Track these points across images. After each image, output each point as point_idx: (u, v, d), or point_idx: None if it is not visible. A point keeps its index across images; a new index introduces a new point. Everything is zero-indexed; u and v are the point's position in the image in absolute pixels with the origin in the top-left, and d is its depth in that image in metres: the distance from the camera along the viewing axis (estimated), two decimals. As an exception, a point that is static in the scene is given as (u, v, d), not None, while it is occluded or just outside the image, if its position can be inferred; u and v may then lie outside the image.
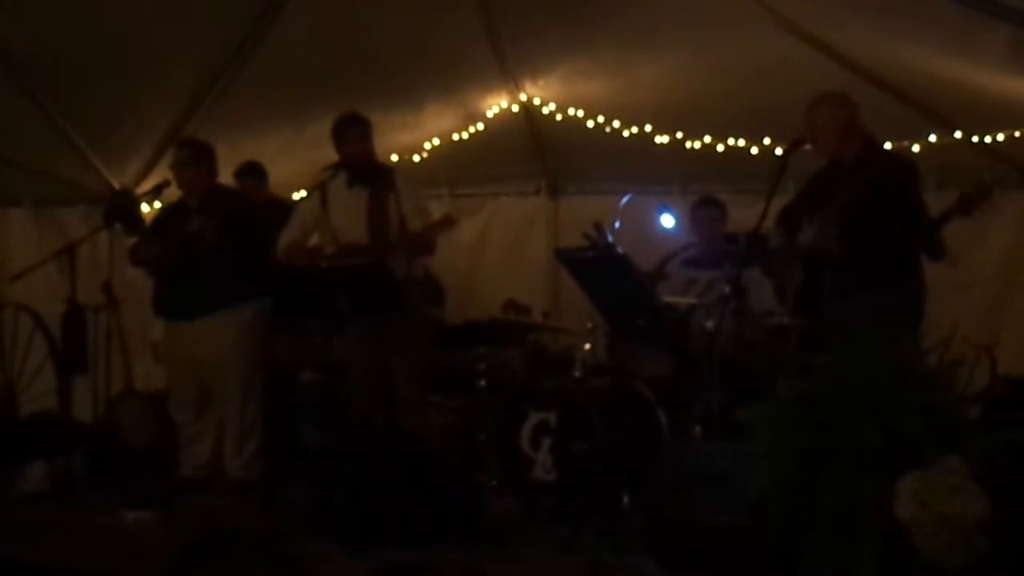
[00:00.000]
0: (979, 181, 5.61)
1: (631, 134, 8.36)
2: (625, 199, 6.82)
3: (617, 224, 6.29)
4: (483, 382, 7.29)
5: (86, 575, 5.54)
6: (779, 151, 6.85)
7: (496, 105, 8.66)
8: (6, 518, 6.17)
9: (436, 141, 8.72)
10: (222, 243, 6.57)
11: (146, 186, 8.28)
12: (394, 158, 8.30)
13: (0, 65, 7.49)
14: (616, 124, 8.37)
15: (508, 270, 9.19)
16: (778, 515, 3.94)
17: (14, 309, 7.84)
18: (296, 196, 8.33)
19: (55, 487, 6.71)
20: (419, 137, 8.69)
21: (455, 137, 8.70)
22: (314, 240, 6.84)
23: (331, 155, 6.84)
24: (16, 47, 7.41)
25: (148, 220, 8.18)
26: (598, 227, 5.81)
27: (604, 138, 8.43)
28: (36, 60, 7.54)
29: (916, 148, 7.54)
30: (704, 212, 7.08)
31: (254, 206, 7.25)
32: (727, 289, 5.66)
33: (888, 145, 6.56)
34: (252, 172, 7.82)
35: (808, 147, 5.68)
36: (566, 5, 7.53)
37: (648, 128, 8.30)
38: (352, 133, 6.65)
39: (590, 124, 8.44)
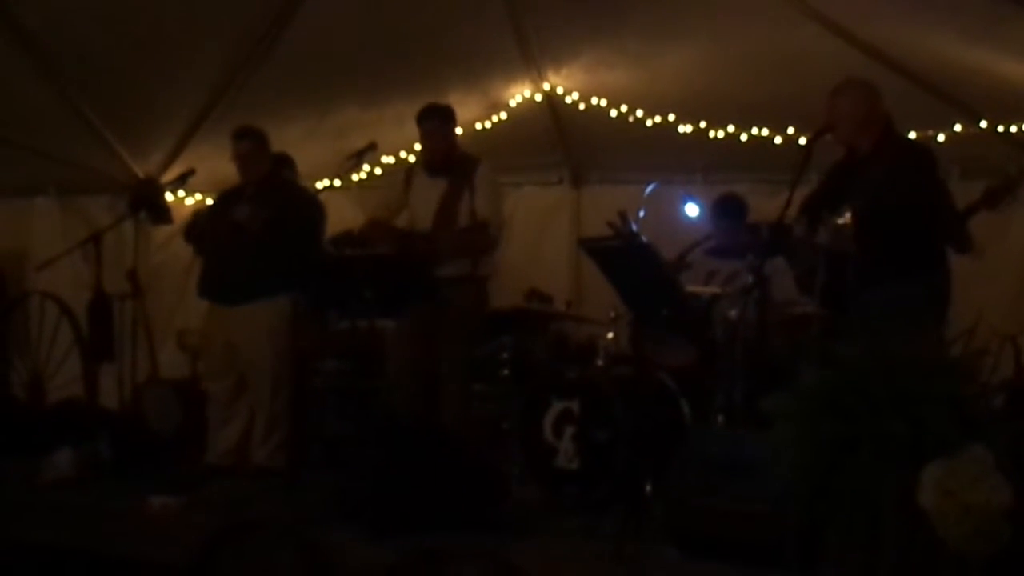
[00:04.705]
0: (1004, 175, 5.59)
1: (654, 123, 8.35)
2: (650, 188, 6.82)
3: (641, 213, 6.29)
4: (506, 371, 7.31)
5: (112, 560, 5.58)
6: (803, 140, 6.84)
7: (519, 94, 8.67)
8: (33, 504, 6.21)
9: (459, 130, 8.68)
10: (268, 234, 6.58)
11: (171, 175, 8.33)
12: (417, 147, 8.31)
13: (26, 56, 7.54)
14: (639, 113, 8.36)
15: (531, 259, 9.19)
16: (801, 504, 3.95)
17: (40, 297, 7.90)
18: (319, 184, 8.39)
19: (81, 473, 6.74)
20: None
21: (478, 126, 8.69)
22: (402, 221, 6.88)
23: (356, 143, 6.88)
24: (42, 37, 7.45)
25: (176, 209, 8.25)
26: (622, 216, 5.80)
27: (627, 127, 8.43)
28: (62, 50, 7.59)
29: (941, 138, 7.50)
30: (723, 221, 7.04)
31: (307, 198, 7.22)
32: (750, 278, 5.66)
33: (912, 134, 6.54)
34: (284, 164, 7.84)
35: (830, 137, 5.66)
36: (589, -6, 7.54)
37: (671, 117, 8.29)
38: (426, 127, 6.73)
39: (613, 113, 8.44)
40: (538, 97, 8.66)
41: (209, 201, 8.01)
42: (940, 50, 6.99)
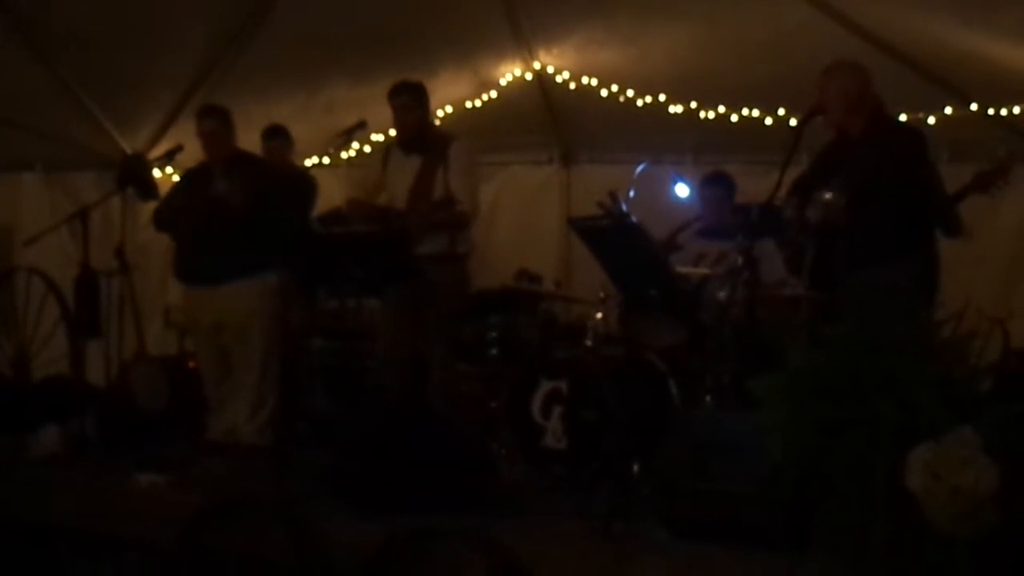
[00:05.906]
0: (996, 157, 5.58)
1: (645, 103, 8.35)
2: (640, 168, 6.80)
3: (631, 193, 6.28)
4: (495, 350, 7.30)
5: (99, 538, 5.57)
6: (793, 122, 6.84)
7: (510, 73, 8.65)
8: (20, 481, 6.19)
9: (449, 109, 8.69)
10: (248, 208, 6.54)
11: (158, 151, 8.30)
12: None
13: (14, 30, 7.50)
14: (630, 93, 8.35)
15: (520, 239, 9.19)
16: (790, 485, 3.95)
17: (27, 273, 7.86)
18: (308, 162, 8.38)
19: (68, 450, 6.72)
20: (432, 104, 8.64)
21: (468, 105, 8.68)
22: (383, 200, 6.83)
23: (345, 120, 6.85)
24: (30, 12, 7.40)
25: (163, 185, 8.20)
26: (612, 196, 5.79)
27: (618, 107, 8.42)
28: (49, 25, 7.55)
29: (931, 120, 7.51)
30: (709, 191, 7.05)
31: (279, 173, 7.19)
32: (740, 260, 5.65)
33: (903, 117, 6.53)
34: (279, 135, 7.78)
35: (820, 118, 5.65)
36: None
37: (662, 98, 8.29)
38: (397, 102, 6.63)
39: (604, 93, 8.43)
40: (528, 76, 8.64)
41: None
42: (931, 32, 6.99)
